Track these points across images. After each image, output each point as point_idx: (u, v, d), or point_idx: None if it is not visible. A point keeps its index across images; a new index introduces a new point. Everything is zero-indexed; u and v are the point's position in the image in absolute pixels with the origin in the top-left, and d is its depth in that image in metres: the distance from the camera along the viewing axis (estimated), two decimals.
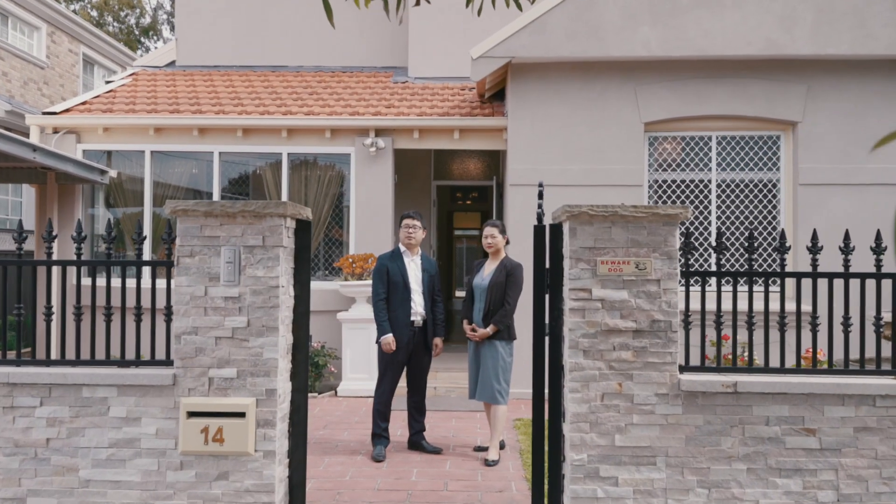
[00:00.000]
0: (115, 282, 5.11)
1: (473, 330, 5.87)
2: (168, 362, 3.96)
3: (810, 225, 8.03)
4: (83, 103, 9.10)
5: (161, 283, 6.44)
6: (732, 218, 8.37)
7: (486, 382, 5.81)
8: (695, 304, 6.91)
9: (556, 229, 4.01)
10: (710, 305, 6.83)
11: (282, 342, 3.86)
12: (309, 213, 4.14)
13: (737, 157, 8.41)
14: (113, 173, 8.72)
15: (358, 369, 8.10)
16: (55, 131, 8.83)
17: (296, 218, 4.01)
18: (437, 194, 10.68)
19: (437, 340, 6.17)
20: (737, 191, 8.40)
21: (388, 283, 6.02)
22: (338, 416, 7.38)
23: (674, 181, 8.42)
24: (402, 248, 6.13)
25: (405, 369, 6.11)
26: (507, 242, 6.06)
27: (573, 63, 8.23)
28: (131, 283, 7.51)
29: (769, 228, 8.36)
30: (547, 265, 4.02)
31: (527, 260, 6.31)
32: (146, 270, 7.91)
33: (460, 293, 19.27)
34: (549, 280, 3.99)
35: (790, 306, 7.39)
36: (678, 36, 7.95)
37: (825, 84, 8.16)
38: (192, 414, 3.81)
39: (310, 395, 8.12)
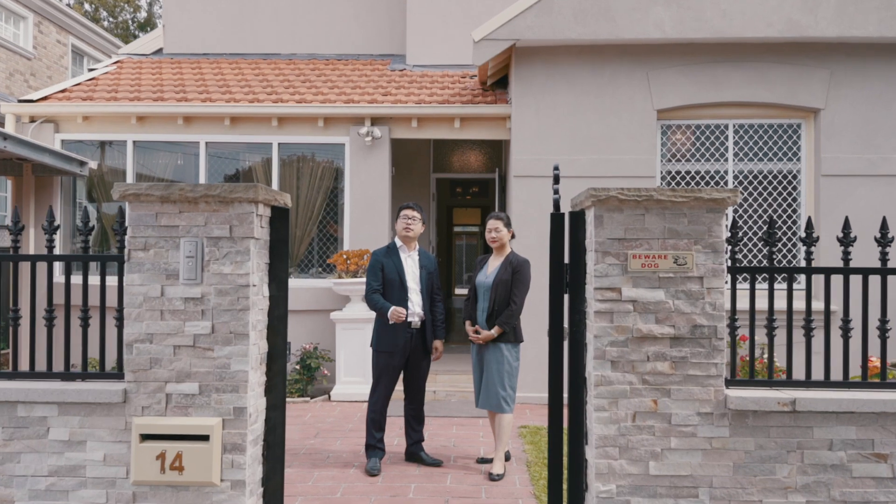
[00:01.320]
0: (93, 279, 4.44)
1: (477, 332, 5.20)
2: (119, 375, 3.26)
3: (833, 219, 7.34)
4: (62, 91, 8.40)
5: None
6: (750, 211, 7.68)
7: (491, 389, 5.15)
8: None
9: (578, 218, 3.32)
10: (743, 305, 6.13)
11: (253, 351, 3.16)
12: (287, 199, 3.45)
13: (755, 146, 7.71)
14: (93, 164, 8.02)
15: (352, 372, 7.41)
16: (32, 120, 8.12)
17: (270, 204, 3.32)
18: (436, 188, 9.98)
19: (437, 343, 5.49)
20: (755, 182, 7.71)
21: (382, 281, 5.33)
22: (330, 422, 6.70)
23: (688, 172, 7.73)
24: (399, 243, 5.44)
25: (402, 374, 5.42)
26: (513, 237, 5.38)
27: (581, 46, 7.53)
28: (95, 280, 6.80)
29: (788, 223, 7.67)
30: (566, 260, 3.33)
31: (532, 256, 5.63)
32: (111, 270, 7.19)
33: (461, 291, 18.56)
34: (568, 277, 3.31)
35: (817, 305, 6.70)
36: (694, 16, 7.25)
37: (849, 69, 7.47)
38: (146, 437, 3.12)
39: (301, 399, 7.43)
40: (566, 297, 3.32)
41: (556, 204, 3.39)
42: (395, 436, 6.13)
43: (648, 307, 3.08)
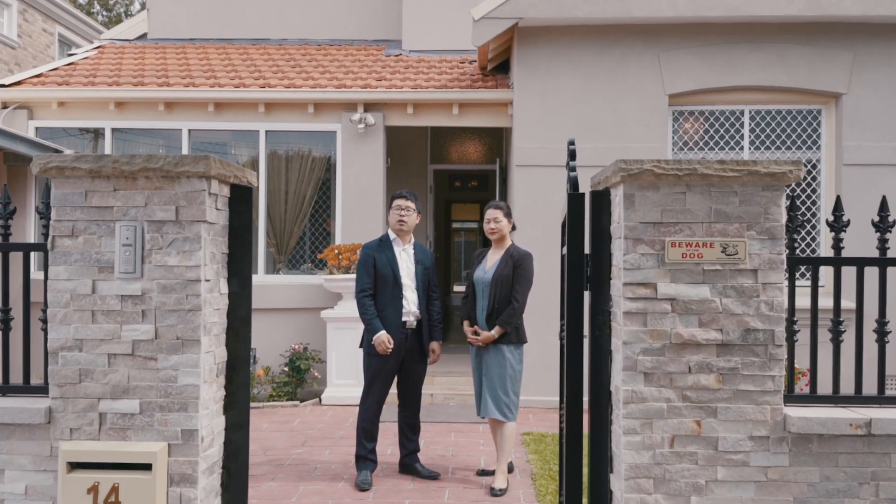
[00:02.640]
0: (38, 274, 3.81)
1: (476, 332, 4.57)
2: (44, 389, 2.63)
3: (855, 211, 6.69)
4: (37, 76, 7.74)
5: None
6: None
7: (492, 395, 4.53)
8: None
9: (601, 199, 2.68)
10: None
11: (206, 360, 2.52)
12: (251, 176, 2.80)
13: (772, 133, 7.07)
14: (69, 153, 7.36)
15: (345, 374, 6.77)
16: (4, 106, 7.47)
17: (228, 182, 2.67)
18: (434, 179, 9.34)
19: (435, 345, 4.85)
20: None
21: (375, 278, 4.70)
22: (320, 428, 6.06)
23: None
24: (392, 236, 4.80)
25: (396, 378, 4.80)
26: (513, 228, 4.76)
27: (588, 26, 6.88)
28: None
29: (807, 215, 7.03)
30: (586, 249, 2.70)
31: (536, 251, 4.98)
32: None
33: (459, 288, 17.94)
34: (589, 271, 2.67)
35: (846, 303, 6.05)
36: None
37: (874, 51, 6.82)
38: (75, 465, 2.48)
39: (290, 403, 6.79)
40: (586, 294, 2.69)
41: (574, 182, 2.75)
42: (388, 444, 5.50)
43: (690, 307, 2.44)
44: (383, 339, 4.55)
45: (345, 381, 6.77)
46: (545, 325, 6.47)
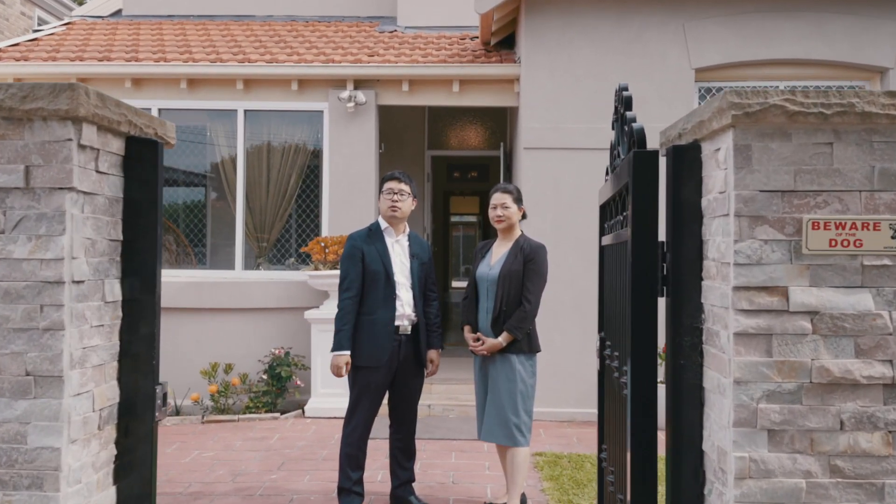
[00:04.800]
0: None
1: (478, 340, 3.61)
2: None
3: None
4: None
5: None
6: None
7: (500, 416, 3.56)
8: None
9: (687, 158, 1.70)
10: None
11: (77, 407, 1.54)
12: (163, 127, 1.81)
13: None
14: None
15: (331, 383, 5.77)
16: None
17: (120, 132, 1.68)
18: (432, 167, 8.33)
19: (433, 354, 3.85)
20: None
21: (363, 274, 3.72)
22: (301, 447, 5.08)
23: None
24: (384, 225, 3.82)
25: (388, 394, 3.83)
26: (524, 217, 3.79)
27: None
28: None
29: None
30: (661, 236, 1.73)
31: (546, 244, 3.97)
32: None
33: (458, 284, 16.83)
34: (666, 268, 1.70)
35: None
36: None
37: None
38: None
39: (270, 416, 5.80)
40: (661, 302, 1.72)
41: (640, 134, 1.77)
42: (378, 468, 4.53)
43: (842, 325, 1.48)
44: (340, 363, 3.59)
45: (331, 390, 5.79)
46: (555, 325, 5.53)
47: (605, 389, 2.43)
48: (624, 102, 1.99)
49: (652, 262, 1.68)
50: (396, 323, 3.67)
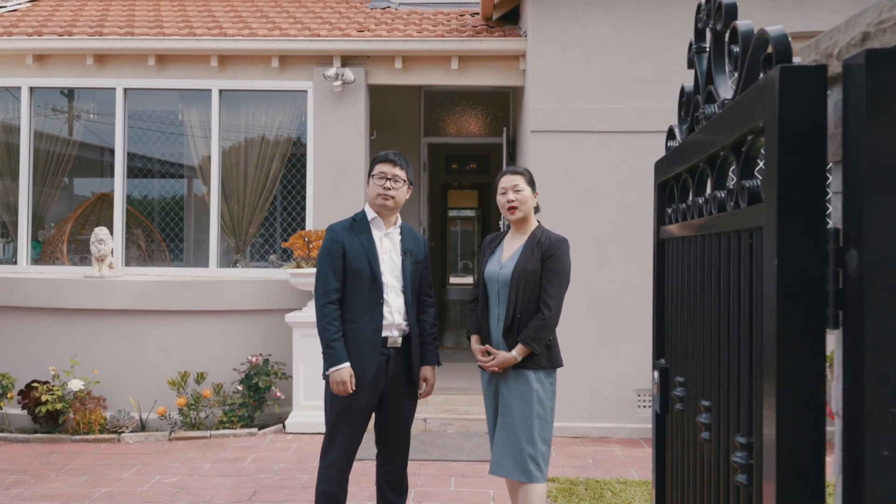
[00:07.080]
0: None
1: (488, 353, 2.88)
2: None
3: None
4: None
5: None
6: None
7: (512, 445, 2.84)
8: None
9: (890, 73, 0.94)
10: None
11: None
12: None
13: None
14: None
15: (314, 394, 5.01)
16: None
17: None
18: (428, 155, 7.55)
19: (427, 372, 3.09)
20: None
21: (344, 274, 2.96)
22: (278, 470, 4.32)
23: None
24: (371, 215, 3.05)
25: (374, 418, 3.07)
26: (537, 209, 3.07)
27: None
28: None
29: None
30: (830, 222, 0.97)
31: (562, 232, 3.21)
32: None
33: (457, 280, 16.04)
34: (844, 277, 0.95)
35: None
36: None
37: None
38: None
39: (246, 432, 5.04)
40: (830, 336, 0.96)
41: (785, 47, 1.01)
42: (365, 498, 3.79)
43: None
44: (344, 377, 2.83)
45: (314, 402, 5.02)
46: (567, 331, 4.78)
47: (664, 440, 1.67)
48: (723, 7, 1.24)
49: (814, 266, 0.92)
50: (384, 334, 2.92)
